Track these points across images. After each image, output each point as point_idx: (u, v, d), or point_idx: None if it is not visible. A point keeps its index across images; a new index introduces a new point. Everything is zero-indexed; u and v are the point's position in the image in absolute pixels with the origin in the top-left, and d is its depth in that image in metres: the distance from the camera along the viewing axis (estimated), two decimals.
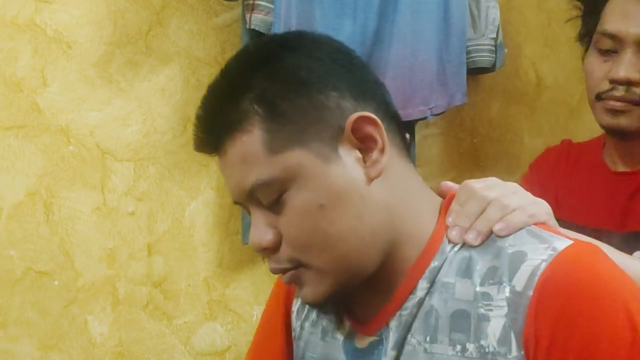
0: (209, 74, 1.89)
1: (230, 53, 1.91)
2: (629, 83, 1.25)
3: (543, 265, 0.76)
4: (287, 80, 0.80)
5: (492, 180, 0.89)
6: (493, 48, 1.90)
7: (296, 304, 1.00)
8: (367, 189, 0.81)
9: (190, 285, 1.93)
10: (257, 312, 1.97)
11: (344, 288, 0.83)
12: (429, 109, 1.81)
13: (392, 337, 0.83)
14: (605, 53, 1.29)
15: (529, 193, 0.89)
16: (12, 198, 1.83)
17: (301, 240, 0.81)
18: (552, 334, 0.74)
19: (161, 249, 1.91)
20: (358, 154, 0.81)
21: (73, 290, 1.86)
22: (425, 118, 1.83)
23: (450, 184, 0.90)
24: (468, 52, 1.87)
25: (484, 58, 1.89)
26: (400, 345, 0.83)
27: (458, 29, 1.83)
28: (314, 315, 0.95)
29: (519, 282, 0.77)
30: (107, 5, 1.86)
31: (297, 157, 0.79)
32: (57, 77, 1.84)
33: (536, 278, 0.76)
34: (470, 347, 0.77)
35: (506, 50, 1.96)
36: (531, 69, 2.14)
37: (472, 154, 2.13)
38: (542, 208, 0.87)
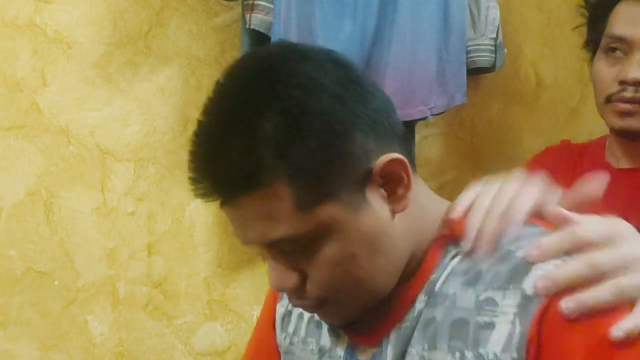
0: (208, 74, 1.89)
1: (229, 53, 1.91)
2: (638, 84, 1.26)
3: None
4: (312, 132, 0.74)
5: (486, 185, 0.86)
6: (493, 48, 1.90)
7: (280, 316, 1.00)
8: (392, 225, 0.80)
9: (190, 285, 1.93)
10: (257, 312, 1.96)
11: (366, 310, 0.83)
12: (429, 109, 1.81)
13: (390, 350, 0.83)
14: (614, 57, 1.30)
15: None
16: (12, 198, 1.83)
17: (333, 286, 0.79)
18: (558, 341, 0.72)
19: (161, 249, 1.91)
20: (383, 192, 0.79)
21: (73, 290, 1.86)
22: (425, 118, 1.83)
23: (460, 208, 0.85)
24: (468, 52, 1.87)
25: (484, 58, 1.90)
26: (400, 357, 0.82)
27: (458, 29, 1.83)
28: (302, 332, 0.95)
29: (529, 285, 0.74)
30: (107, 5, 1.86)
31: (329, 212, 0.76)
32: (57, 77, 1.84)
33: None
34: (469, 355, 0.76)
35: (506, 50, 1.96)
36: (531, 69, 2.14)
37: (471, 154, 2.13)
38: (534, 188, 0.84)
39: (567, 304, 0.72)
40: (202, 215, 1.93)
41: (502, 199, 0.82)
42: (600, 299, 0.72)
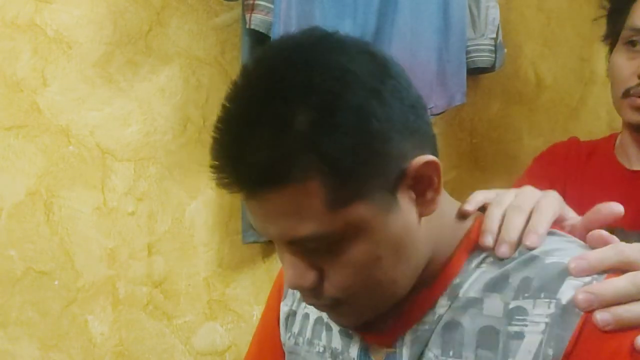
0: (209, 74, 1.89)
1: (230, 53, 1.91)
2: None
3: (594, 282, 0.72)
4: (348, 129, 0.70)
5: (501, 191, 0.86)
6: (493, 48, 1.90)
7: (284, 315, 0.98)
8: (418, 229, 0.77)
9: (190, 285, 1.93)
10: (257, 312, 1.97)
11: (380, 313, 0.81)
12: (429, 109, 1.81)
13: (405, 351, 0.81)
14: (634, 50, 1.28)
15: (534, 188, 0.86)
16: (12, 198, 1.83)
17: (352, 288, 0.77)
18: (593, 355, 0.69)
19: (161, 249, 1.91)
20: (412, 194, 0.76)
21: (73, 290, 1.86)
22: None
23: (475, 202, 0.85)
24: (468, 52, 1.87)
25: (484, 58, 1.90)
26: (416, 359, 0.80)
27: (458, 29, 1.83)
28: (308, 333, 0.93)
29: (565, 295, 0.71)
30: (107, 5, 1.86)
31: (359, 212, 0.73)
32: (57, 77, 1.84)
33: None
34: None
35: (506, 50, 1.96)
36: (531, 69, 2.14)
37: (471, 154, 2.13)
38: (554, 200, 0.84)
39: (603, 315, 0.70)
40: (202, 215, 1.93)
41: (525, 199, 0.81)
42: (638, 313, 0.70)
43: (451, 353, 0.77)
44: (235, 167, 0.72)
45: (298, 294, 0.96)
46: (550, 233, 0.80)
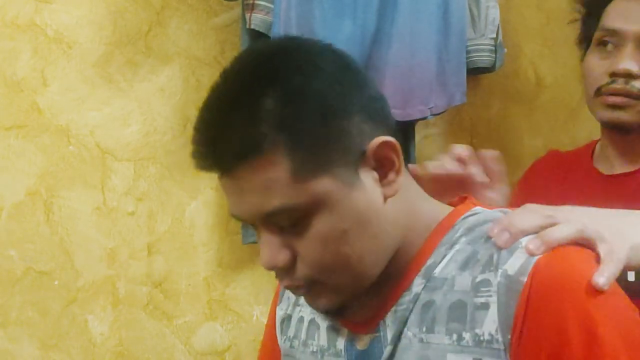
0: (209, 74, 1.90)
1: (230, 53, 1.91)
2: (628, 76, 1.26)
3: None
4: (310, 109, 0.78)
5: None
6: (493, 48, 1.90)
7: (279, 319, 1.01)
8: (383, 208, 0.82)
9: (190, 285, 1.93)
10: (257, 312, 1.97)
11: (354, 296, 0.84)
12: (429, 108, 1.81)
13: (388, 332, 0.85)
14: (606, 50, 1.30)
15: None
16: (12, 198, 1.83)
17: (321, 263, 0.81)
18: (531, 323, 0.75)
19: (161, 248, 1.91)
20: (375, 175, 0.82)
21: (73, 290, 1.87)
22: (425, 118, 1.83)
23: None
24: (468, 52, 1.87)
25: (484, 58, 1.90)
26: (396, 340, 0.84)
27: (458, 28, 1.83)
28: (303, 335, 0.96)
29: (512, 266, 0.77)
30: (107, 5, 1.86)
31: (324, 185, 0.78)
32: (57, 77, 1.84)
33: (531, 265, 0.77)
34: (467, 335, 0.78)
35: (506, 50, 1.96)
36: (531, 69, 2.14)
37: None
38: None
39: (533, 242, 0.78)
40: (202, 215, 1.93)
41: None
42: (561, 231, 0.79)
43: (424, 329, 0.82)
44: (209, 148, 0.80)
45: (293, 298, 0.99)
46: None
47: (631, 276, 1.21)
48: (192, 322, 1.94)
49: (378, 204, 0.81)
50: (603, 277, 0.77)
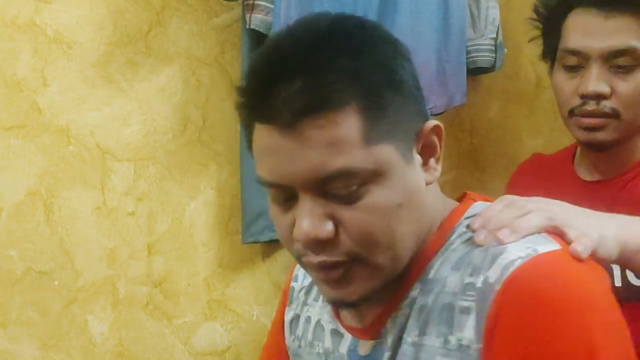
0: (209, 74, 1.90)
1: (230, 53, 1.91)
2: (598, 97, 1.26)
3: (518, 262, 0.74)
4: (385, 72, 0.77)
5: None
6: (493, 48, 1.90)
7: (288, 320, 1.00)
8: (426, 193, 0.81)
9: (190, 285, 1.93)
10: (257, 312, 1.97)
11: (382, 285, 0.81)
12: (429, 109, 1.81)
13: (389, 338, 0.83)
14: (572, 69, 1.30)
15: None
16: (12, 198, 1.83)
17: (371, 236, 0.77)
18: (504, 335, 0.72)
19: (161, 249, 1.91)
20: (420, 159, 0.81)
21: (73, 290, 1.87)
22: None
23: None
24: (468, 52, 1.87)
25: (484, 58, 1.90)
26: (396, 346, 0.82)
27: (458, 29, 1.83)
28: (309, 335, 0.95)
29: (493, 273, 0.75)
30: (107, 5, 1.86)
31: (388, 153, 0.76)
32: (57, 77, 1.84)
33: (507, 273, 0.74)
34: (452, 339, 0.76)
35: (506, 50, 1.96)
36: (530, 69, 2.14)
37: (471, 154, 2.13)
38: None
39: (503, 232, 0.78)
40: (202, 215, 1.93)
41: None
42: (533, 222, 0.80)
43: (419, 332, 0.80)
44: (272, 96, 0.74)
45: (302, 298, 0.98)
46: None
47: (618, 281, 1.22)
48: (192, 322, 1.94)
49: (423, 187, 0.81)
50: (580, 245, 0.77)
